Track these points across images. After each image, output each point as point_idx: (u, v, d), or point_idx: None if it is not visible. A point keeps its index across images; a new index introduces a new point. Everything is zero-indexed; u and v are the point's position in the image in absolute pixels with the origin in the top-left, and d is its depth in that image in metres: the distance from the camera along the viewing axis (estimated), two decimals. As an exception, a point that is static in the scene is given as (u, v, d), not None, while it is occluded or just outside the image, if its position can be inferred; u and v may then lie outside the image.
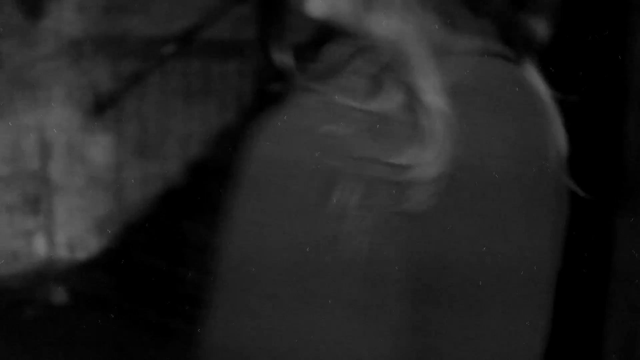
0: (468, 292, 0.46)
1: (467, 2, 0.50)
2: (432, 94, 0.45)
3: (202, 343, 0.45)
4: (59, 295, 3.20)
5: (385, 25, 0.47)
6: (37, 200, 3.30)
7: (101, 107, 3.31)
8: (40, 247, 3.39)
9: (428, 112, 0.44)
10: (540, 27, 0.54)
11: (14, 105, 3.12)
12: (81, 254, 3.48)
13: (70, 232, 3.45)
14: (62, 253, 3.46)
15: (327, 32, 0.52)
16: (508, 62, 0.52)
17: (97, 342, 2.74)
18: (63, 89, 3.19)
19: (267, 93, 2.98)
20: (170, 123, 3.62)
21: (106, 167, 3.44)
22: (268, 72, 3.18)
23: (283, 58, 0.55)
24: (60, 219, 3.40)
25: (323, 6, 0.52)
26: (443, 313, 0.45)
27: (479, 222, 0.46)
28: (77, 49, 3.19)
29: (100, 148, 3.38)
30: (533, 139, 0.52)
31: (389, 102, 0.44)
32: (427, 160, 0.43)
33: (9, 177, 3.18)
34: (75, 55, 3.18)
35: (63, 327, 2.91)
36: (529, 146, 0.51)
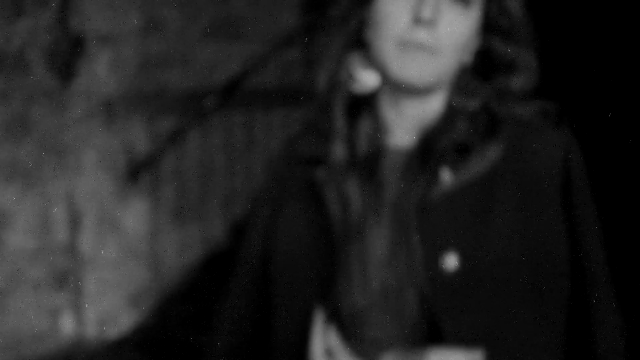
0: None
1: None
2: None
3: None
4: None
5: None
6: (65, 275, 2.94)
7: (136, 170, 2.96)
8: (67, 325, 3.03)
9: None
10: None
11: (42, 172, 2.76)
12: (112, 331, 3.12)
13: (100, 308, 3.09)
14: (91, 331, 3.10)
15: None
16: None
17: None
18: (95, 153, 2.84)
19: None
20: (211, 182, 3.28)
21: (141, 236, 3.08)
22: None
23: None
24: (90, 294, 3.04)
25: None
26: None
27: None
28: (110, 109, 2.83)
29: (134, 216, 3.03)
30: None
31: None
32: None
33: (35, 250, 2.82)
34: (108, 116, 2.83)
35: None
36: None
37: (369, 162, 0.82)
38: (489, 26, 0.83)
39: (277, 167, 0.89)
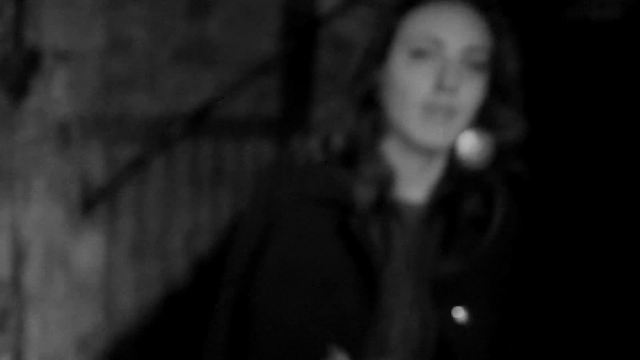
0: None
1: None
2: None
3: None
4: None
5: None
6: (5, 314, 2.64)
7: (91, 200, 2.69)
8: (6, 370, 2.72)
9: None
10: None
11: (-17, 200, 2.48)
12: (57, 377, 2.82)
13: (45, 352, 2.78)
14: (34, 376, 2.79)
15: None
16: None
17: None
18: (46, 179, 2.56)
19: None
20: (174, 215, 3.02)
21: (93, 272, 2.80)
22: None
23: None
24: (34, 335, 2.73)
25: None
26: None
27: None
28: (65, 133, 2.57)
29: (87, 249, 2.75)
30: None
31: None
32: None
33: (-29, 287, 2.52)
34: (62, 139, 2.57)
35: None
36: None
37: (390, 212, 0.92)
38: (493, 86, 0.93)
39: (263, 195, 0.95)
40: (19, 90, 2.43)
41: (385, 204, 0.93)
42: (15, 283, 2.61)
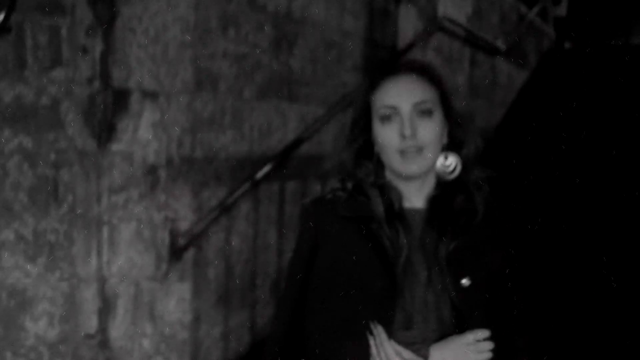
0: None
1: None
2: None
3: None
4: None
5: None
6: (91, 370, 2.45)
7: (179, 247, 2.51)
8: None
9: None
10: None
11: (70, 248, 2.32)
12: None
13: (131, 409, 2.58)
14: None
15: None
16: None
17: None
18: (132, 227, 2.40)
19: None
20: (261, 259, 2.83)
21: (181, 324, 2.60)
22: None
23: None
24: (120, 392, 2.54)
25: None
26: None
27: None
28: (152, 177, 2.41)
29: (174, 300, 2.56)
30: None
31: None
32: None
33: (58, 341, 2.35)
34: (149, 184, 2.41)
35: None
36: None
37: (398, 218, 1.31)
38: (447, 118, 1.34)
39: (308, 220, 1.36)
40: (106, 132, 2.28)
41: (394, 213, 1.32)
42: (103, 336, 2.43)
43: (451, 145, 1.34)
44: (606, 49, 7.17)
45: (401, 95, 1.28)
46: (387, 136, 1.30)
